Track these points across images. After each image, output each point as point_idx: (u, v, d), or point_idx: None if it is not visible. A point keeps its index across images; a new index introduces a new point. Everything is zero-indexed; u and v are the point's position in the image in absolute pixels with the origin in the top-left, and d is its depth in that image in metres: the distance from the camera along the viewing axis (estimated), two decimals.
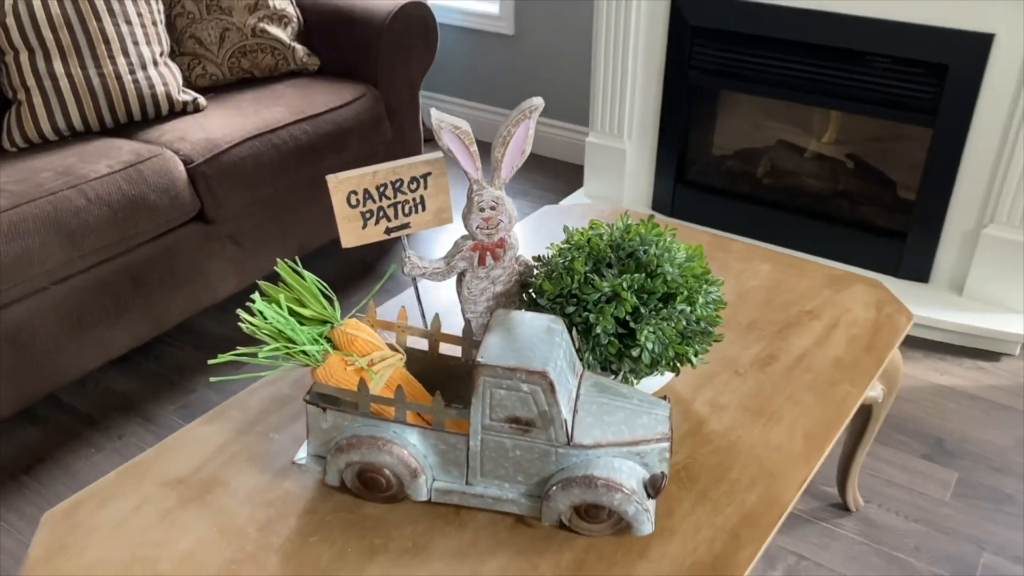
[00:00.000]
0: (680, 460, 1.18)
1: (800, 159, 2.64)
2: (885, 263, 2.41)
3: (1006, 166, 2.13)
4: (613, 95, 2.66)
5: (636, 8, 2.50)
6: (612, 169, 2.78)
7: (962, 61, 2.11)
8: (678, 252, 1.22)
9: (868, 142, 2.58)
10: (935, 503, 1.79)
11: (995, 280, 2.25)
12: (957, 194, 2.26)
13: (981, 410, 2.04)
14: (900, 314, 1.49)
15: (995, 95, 2.10)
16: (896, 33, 2.17)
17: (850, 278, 1.59)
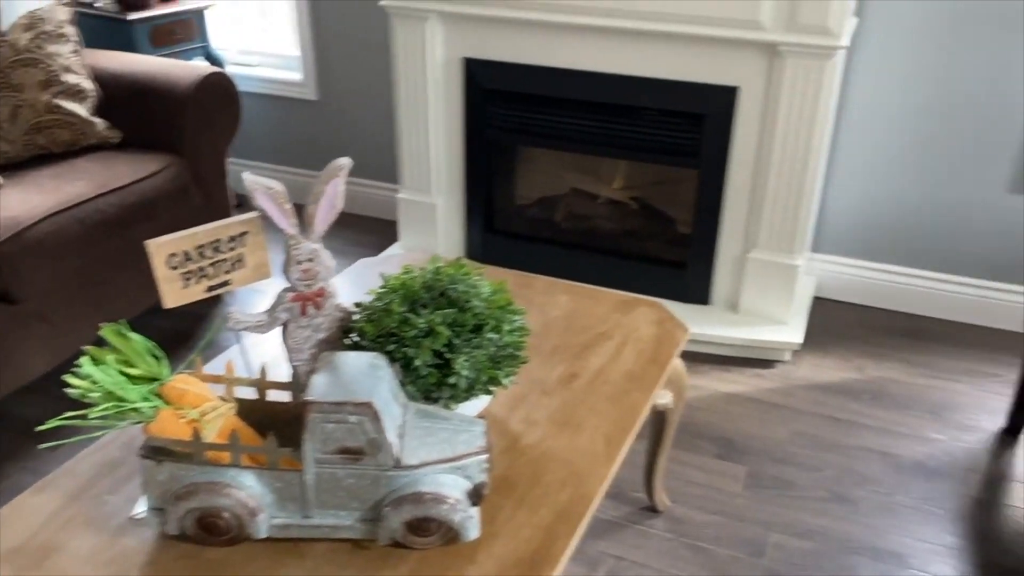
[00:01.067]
0: (500, 472, 1.31)
1: (592, 204, 2.91)
2: (671, 290, 2.69)
3: (760, 199, 2.48)
4: (419, 154, 2.83)
5: (432, 74, 2.69)
6: (424, 222, 2.94)
7: (715, 111, 2.44)
8: (484, 288, 1.37)
9: (652, 185, 2.89)
10: (730, 496, 2.03)
11: (763, 297, 2.59)
12: (724, 226, 2.58)
13: (762, 411, 2.33)
14: (678, 329, 1.71)
15: (744, 138, 2.44)
16: (661, 89, 2.47)
17: (636, 302, 1.80)
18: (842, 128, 2.66)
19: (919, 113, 2.56)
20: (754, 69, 2.35)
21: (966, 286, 2.69)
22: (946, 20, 2.43)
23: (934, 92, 2.52)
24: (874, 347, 2.61)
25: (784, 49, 2.26)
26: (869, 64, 2.55)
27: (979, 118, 2.50)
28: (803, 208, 2.44)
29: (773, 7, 2.23)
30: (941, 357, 2.56)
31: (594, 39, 2.48)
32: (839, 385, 2.44)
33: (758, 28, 2.27)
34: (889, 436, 2.23)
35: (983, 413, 2.32)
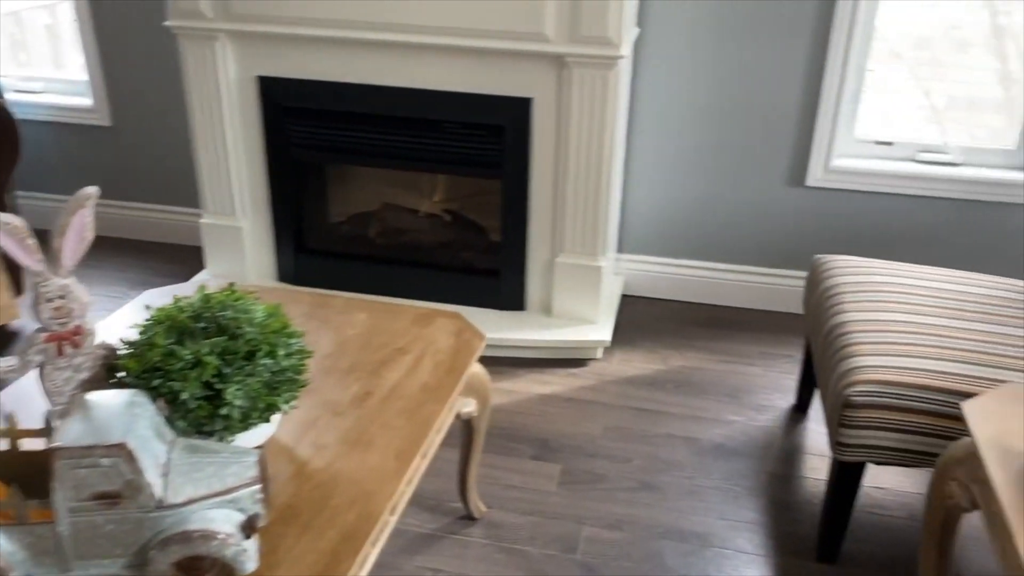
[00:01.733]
0: (285, 500, 1.28)
1: (406, 218, 2.91)
2: (487, 299, 2.73)
3: (562, 205, 2.56)
4: (219, 176, 2.74)
5: (227, 94, 2.61)
6: (231, 247, 2.84)
7: (513, 122, 2.50)
8: (257, 313, 1.34)
9: (469, 197, 2.92)
10: (545, 495, 2.08)
11: (573, 299, 2.67)
12: (532, 232, 2.64)
13: (575, 409, 2.40)
14: (475, 337, 1.74)
15: (542, 148, 2.52)
16: (460, 102, 2.51)
17: (434, 314, 1.82)
18: (635, 133, 2.79)
19: (703, 115, 2.72)
20: (545, 80, 2.42)
21: (756, 275, 2.88)
22: (721, 27, 2.60)
23: (715, 95, 2.69)
24: (678, 338, 2.75)
25: (570, 60, 2.35)
26: (654, 71, 2.69)
27: (757, 118, 2.69)
28: (601, 212, 2.54)
29: (556, 20, 2.31)
30: (738, 343, 2.73)
31: (389, 54, 2.48)
32: (646, 377, 2.55)
33: (544, 40, 2.34)
34: (692, 422, 2.35)
35: (776, 392, 2.49)
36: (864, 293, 2.00)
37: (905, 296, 1.98)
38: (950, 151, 2.67)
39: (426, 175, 2.88)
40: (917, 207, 2.69)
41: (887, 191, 2.69)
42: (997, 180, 2.62)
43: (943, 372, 1.70)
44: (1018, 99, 2.62)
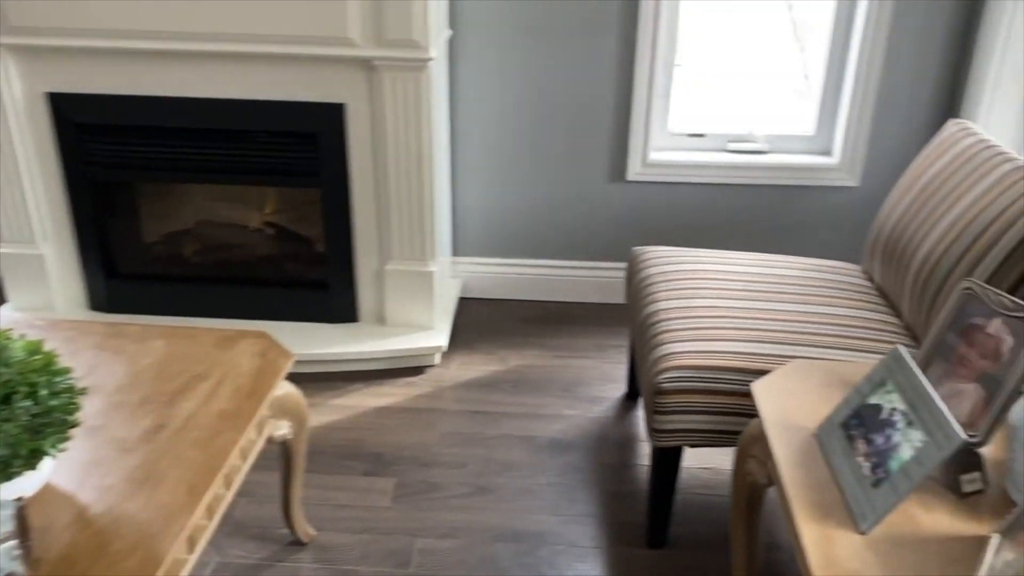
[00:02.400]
0: (59, 551, 1.18)
1: (225, 234, 2.79)
2: (317, 312, 2.65)
3: (386, 211, 2.51)
4: (13, 202, 2.53)
5: (14, 112, 2.41)
6: (34, 277, 2.63)
7: (326, 128, 2.43)
8: (15, 351, 1.23)
9: (294, 209, 2.82)
10: (378, 511, 2.03)
11: (406, 306, 2.62)
12: (358, 241, 2.58)
13: (411, 418, 2.36)
14: (281, 357, 1.67)
15: (359, 154, 2.46)
16: (271, 110, 2.41)
17: (238, 336, 1.73)
18: (459, 134, 2.77)
19: (524, 115, 2.74)
20: (356, 85, 2.37)
21: (586, 269, 2.93)
22: (530, 27, 2.62)
23: (533, 95, 2.71)
24: (516, 337, 2.76)
25: (378, 64, 2.31)
26: (470, 72, 2.69)
27: (576, 116, 2.73)
28: (427, 217, 2.51)
29: (360, 24, 2.26)
30: (572, 337, 2.76)
31: (189, 64, 2.36)
32: (484, 379, 2.54)
33: (350, 45, 2.29)
34: (528, 420, 2.36)
35: (608, 383, 2.53)
36: (676, 281, 2.06)
37: (714, 282, 2.05)
38: (757, 139, 2.80)
39: (252, 188, 2.77)
40: (730, 195, 2.81)
41: (702, 181, 2.79)
42: (800, 164, 2.76)
43: (746, 353, 1.77)
44: (816, 87, 2.78)
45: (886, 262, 2.04)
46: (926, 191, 1.97)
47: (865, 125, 2.67)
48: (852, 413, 1.23)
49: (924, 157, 2.07)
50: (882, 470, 1.11)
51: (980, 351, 1.25)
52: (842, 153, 2.72)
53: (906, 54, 2.60)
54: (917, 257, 1.88)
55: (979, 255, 1.71)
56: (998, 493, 1.19)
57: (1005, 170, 1.79)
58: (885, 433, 1.14)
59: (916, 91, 2.65)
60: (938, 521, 1.13)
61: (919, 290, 1.85)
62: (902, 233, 1.99)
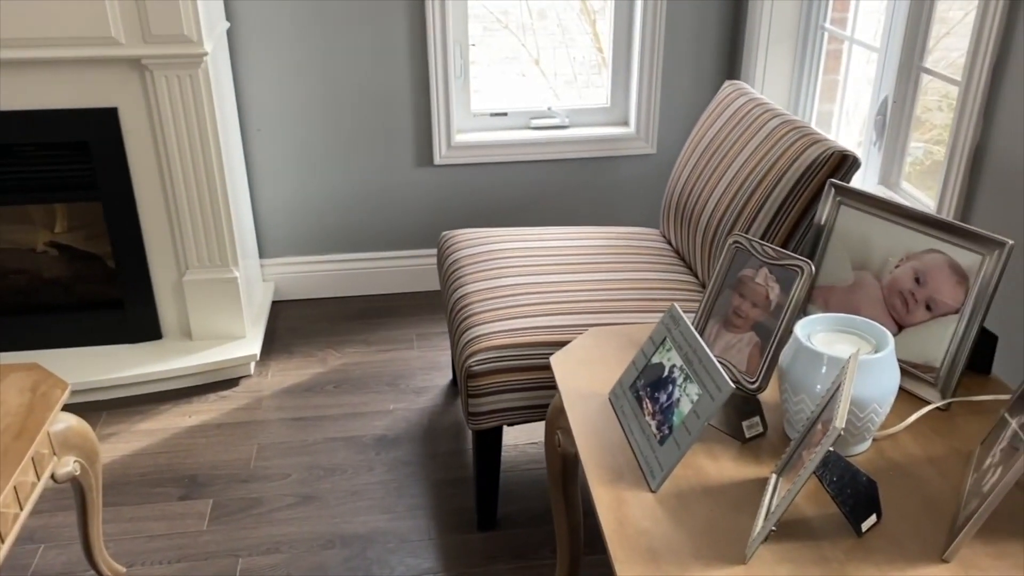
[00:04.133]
0: None
1: (4, 258, 2.54)
2: (115, 333, 2.47)
3: (179, 219, 2.36)
4: None
5: None
6: None
7: (99, 136, 2.25)
8: None
9: (82, 227, 2.59)
10: (194, 536, 1.91)
11: (213, 317, 2.48)
12: (151, 254, 2.42)
13: (226, 435, 2.24)
14: (55, 389, 1.52)
15: (141, 161, 2.30)
16: (35, 121, 2.21)
17: (5, 370, 1.57)
18: (250, 131, 2.65)
19: (320, 106, 2.65)
20: (127, 87, 2.20)
21: (401, 258, 2.89)
22: (314, 15, 2.52)
23: (327, 85, 2.62)
24: (336, 336, 2.68)
25: (148, 63, 2.15)
26: (255, 66, 2.57)
27: (375, 104, 2.66)
28: (224, 219, 2.38)
29: (123, 21, 2.10)
30: (394, 329, 2.71)
31: None
32: (305, 384, 2.45)
33: (115, 44, 2.12)
34: (352, 420, 2.30)
35: (434, 371, 2.51)
36: (483, 263, 2.05)
37: (520, 259, 2.05)
38: (557, 115, 2.84)
39: (34, 208, 2.53)
40: (536, 171, 2.83)
41: (508, 160, 2.80)
42: (600, 136, 2.82)
43: (551, 327, 1.78)
44: (607, 59, 2.84)
45: (678, 223, 2.11)
46: (708, 151, 2.05)
47: (655, 93, 2.76)
48: (639, 374, 1.25)
49: (705, 119, 2.16)
50: (666, 427, 1.14)
51: (752, 301, 1.30)
52: (637, 122, 2.80)
53: (686, 22, 2.70)
54: (704, 216, 1.96)
55: (756, 208, 1.79)
56: (778, 434, 1.25)
57: (774, 125, 1.88)
58: (667, 390, 1.17)
59: (699, 57, 2.76)
60: (724, 469, 1.17)
61: (706, 247, 1.93)
62: (689, 194, 2.06)
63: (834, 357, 1.13)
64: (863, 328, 1.22)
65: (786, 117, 1.88)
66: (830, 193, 1.44)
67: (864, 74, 2.41)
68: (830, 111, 2.60)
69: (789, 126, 1.84)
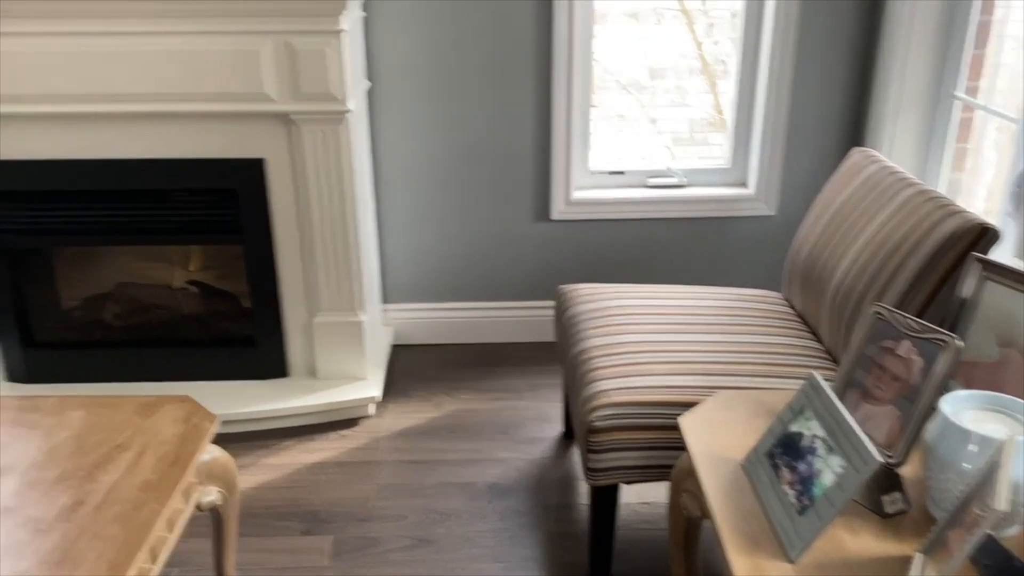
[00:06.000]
0: None
1: (147, 295, 2.72)
2: (245, 369, 2.60)
3: (313, 263, 2.48)
4: None
5: None
6: None
7: (247, 184, 2.40)
8: None
9: (217, 266, 2.77)
10: (317, 571, 1.98)
11: (338, 358, 2.59)
12: (285, 295, 2.55)
13: (347, 473, 2.32)
14: (205, 421, 1.63)
15: (282, 208, 2.44)
16: (188, 168, 2.38)
17: (161, 401, 1.69)
18: (383, 182, 2.78)
19: (447, 160, 2.76)
20: (275, 139, 2.36)
21: (516, 309, 2.95)
22: (447, 75, 2.65)
23: (455, 140, 2.73)
24: (451, 382, 2.75)
25: (296, 117, 2.30)
26: (391, 121, 2.70)
27: (499, 158, 2.76)
28: (353, 266, 2.49)
29: (276, 79, 2.25)
30: (506, 378, 2.76)
31: (105, 125, 2.31)
32: (421, 427, 2.52)
33: (268, 100, 2.28)
34: (466, 466, 2.34)
35: (545, 423, 2.54)
36: (603, 318, 2.08)
37: (640, 316, 2.07)
38: (675, 174, 2.87)
39: (174, 247, 2.71)
40: (652, 229, 2.86)
41: (624, 217, 2.84)
42: (718, 196, 2.83)
43: (675, 387, 1.79)
44: (728, 121, 2.86)
45: (804, 288, 2.10)
46: (837, 218, 2.04)
47: (777, 155, 2.76)
48: (776, 442, 1.25)
49: (832, 185, 2.15)
50: (806, 497, 1.13)
51: (893, 373, 1.29)
52: (757, 183, 2.81)
53: (812, 85, 2.71)
54: (832, 283, 1.95)
55: (888, 278, 1.77)
56: (920, 512, 1.23)
57: (908, 194, 1.86)
58: (807, 460, 1.17)
59: (823, 120, 2.75)
60: (864, 544, 1.15)
61: (835, 315, 1.91)
62: (816, 259, 2.05)
63: (985, 436, 1.11)
64: (1012, 407, 1.19)
65: (920, 187, 1.86)
66: (974, 267, 1.42)
67: (996, 142, 2.36)
68: (958, 179, 2.55)
69: (924, 196, 1.82)
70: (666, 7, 2.83)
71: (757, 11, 2.68)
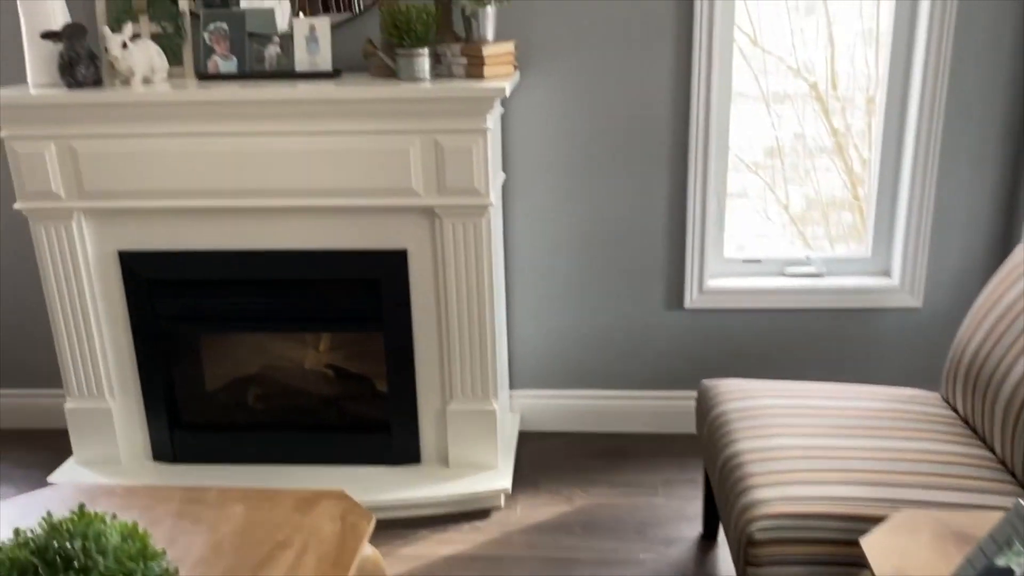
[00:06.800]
0: None
1: (287, 378, 2.80)
2: (379, 454, 2.62)
3: (449, 352, 2.51)
4: (83, 357, 2.57)
5: (86, 272, 2.49)
6: (101, 430, 2.65)
7: (389, 274, 2.46)
8: (111, 537, 1.21)
9: (348, 347, 2.84)
10: None
11: (470, 446, 2.59)
12: (420, 382, 2.57)
13: (482, 568, 2.29)
14: (362, 520, 1.63)
15: (421, 297, 2.48)
16: (333, 259, 2.46)
17: (317, 497, 1.71)
18: (513, 269, 2.80)
19: (578, 247, 2.77)
20: (418, 231, 2.42)
21: (647, 399, 2.89)
22: (580, 164, 2.68)
23: (587, 227, 2.74)
24: (581, 473, 2.70)
25: (440, 211, 2.36)
26: (523, 208, 2.74)
27: (630, 246, 2.75)
28: (489, 355, 2.50)
29: (423, 174, 2.32)
30: (639, 472, 2.69)
31: (255, 219, 2.43)
32: (553, 522, 2.47)
33: (414, 194, 2.34)
34: (603, 566, 2.27)
35: (683, 522, 2.45)
36: (752, 419, 2.01)
37: (792, 418, 2.00)
38: (813, 263, 2.79)
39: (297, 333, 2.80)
40: (790, 319, 2.78)
41: (761, 307, 2.77)
42: (860, 287, 2.74)
43: (839, 497, 1.70)
44: (869, 206, 2.78)
45: (969, 391, 1.98)
46: (1005, 318, 1.93)
47: (924, 245, 2.66)
48: (980, 575, 1.16)
49: (997, 282, 2.04)
50: None
51: None
52: (902, 274, 2.70)
53: (962, 172, 2.61)
54: (1005, 388, 1.83)
55: None
56: None
57: None
58: None
59: (973, 208, 2.64)
60: None
61: (1011, 422, 1.79)
62: (985, 360, 1.94)
63: None
64: None
65: None
66: None
67: None
68: None
69: None
70: (800, 91, 2.80)
71: (901, 93, 2.62)
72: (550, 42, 2.57)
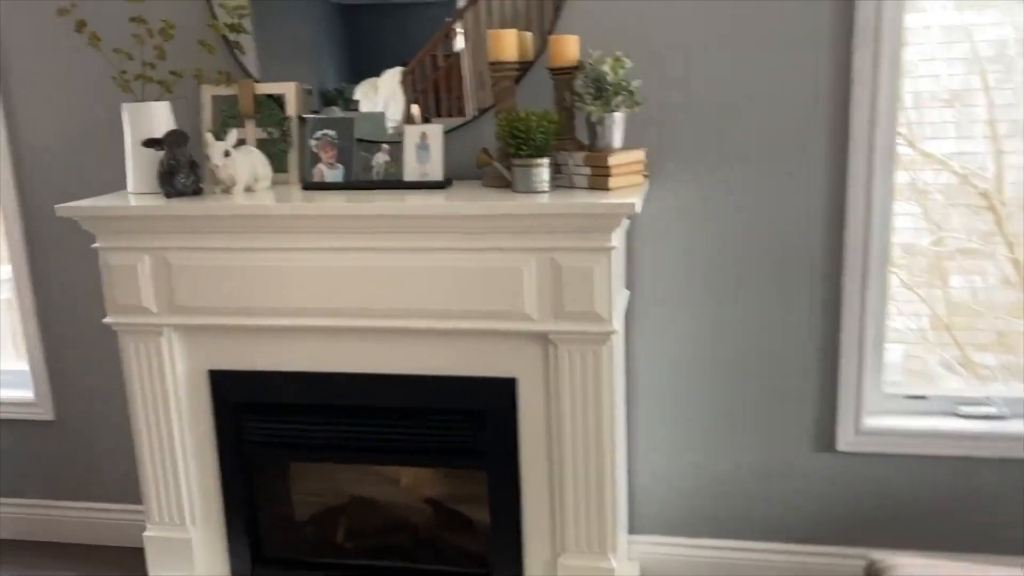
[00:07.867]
0: None
1: (379, 513, 2.54)
2: None
3: (561, 495, 2.19)
4: (166, 482, 2.38)
5: (175, 391, 2.32)
6: (179, 560, 2.43)
7: (495, 405, 2.19)
8: None
9: (446, 481, 2.56)
10: None
11: None
12: (527, 527, 2.26)
13: None
14: None
15: (531, 431, 2.19)
16: (434, 386, 2.21)
17: None
18: (635, 399, 2.48)
19: (710, 375, 2.43)
20: (530, 359, 2.14)
21: (789, 553, 2.48)
22: (717, 280, 2.36)
23: (720, 353, 2.41)
24: None
25: (555, 338, 2.08)
26: (649, 331, 2.43)
27: (772, 374, 2.40)
28: (608, 500, 2.17)
29: (538, 297, 2.06)
30: None
31: (352, 340, 2.21)
32: None
33: (527, 319, 2.08)
34: None
35: None
36: None
37: None
38: (994, 403, 2.36)
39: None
40: (967, 470, 2.34)
41: (929, 453, 2.35)
42: None
43: None
44: None
45: None
46: None
47: None
48: None
49: None
50: None
51: None
52: None
53: None
54: None
55: None
56: None
57: None
58: None
59: None
60: None
61: None
62: None
63: None
64: None
65: None
66: None
67: None
68: None
69: None
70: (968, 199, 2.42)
71: None
72: (687, 148, 2.30)
